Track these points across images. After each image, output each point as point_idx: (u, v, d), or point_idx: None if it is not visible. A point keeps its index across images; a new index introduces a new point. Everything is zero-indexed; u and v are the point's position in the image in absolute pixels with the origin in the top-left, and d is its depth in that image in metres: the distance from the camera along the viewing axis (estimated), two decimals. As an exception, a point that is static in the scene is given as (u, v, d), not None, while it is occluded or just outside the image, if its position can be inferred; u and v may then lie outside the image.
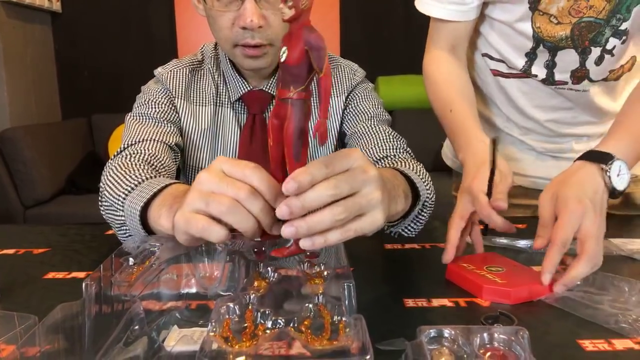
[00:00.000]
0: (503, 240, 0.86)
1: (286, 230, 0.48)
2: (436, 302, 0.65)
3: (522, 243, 0.84)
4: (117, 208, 0.76)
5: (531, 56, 0.98)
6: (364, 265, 0.78)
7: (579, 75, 0.97)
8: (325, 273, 0.54)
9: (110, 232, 0.95)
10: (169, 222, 0.61)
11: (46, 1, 3.35)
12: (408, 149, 0.94)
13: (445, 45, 1.02)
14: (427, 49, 1.07)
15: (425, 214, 0.83)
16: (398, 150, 0.92)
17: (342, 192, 0.48)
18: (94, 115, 3.52)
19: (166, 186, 0.70)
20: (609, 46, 0.93)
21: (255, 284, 0.53)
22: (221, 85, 1.01)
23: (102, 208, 0.83)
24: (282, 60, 0.47)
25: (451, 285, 0.71)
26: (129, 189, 0.75)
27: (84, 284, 0.49)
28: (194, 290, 0.57)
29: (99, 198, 0.84)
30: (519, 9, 0.93)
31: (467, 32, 1.01)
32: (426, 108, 3.46)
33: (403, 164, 0.83)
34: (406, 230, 0.84)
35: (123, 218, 0.76)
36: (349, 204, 0.48)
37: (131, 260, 0.55)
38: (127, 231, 0.79)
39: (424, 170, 0.83)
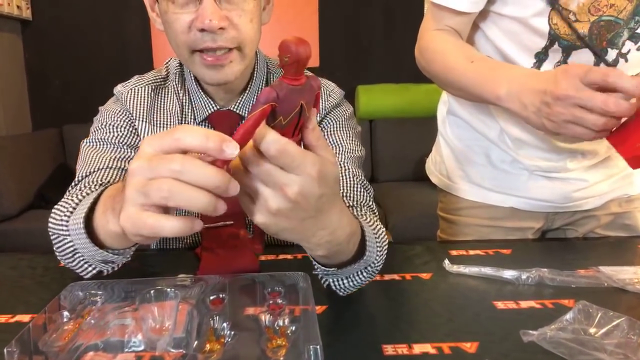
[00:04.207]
0: (487, 271, 0.80)
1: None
2: (418, 349, 0.59)
3: (508, 274, 0.78)
4: (64, 235, 0.69)
5: (541, 56, 0.92)
6: (339, 304, 0.71)
7: None
8: (289, 331, 0.48)
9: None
10: (117, 226, 0.53)
11: (15, 9, 3.23)
12: (371, 203, 0.86)
13: (448, 30, 0.97)
14: (424, 31, 1.01)
15: (363, 277, 0.72)
16: (362, 205, 0.84)
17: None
18: (65, 126, 3.39)
19: (102, 191, 0.64)
20: (624, 49, 0.89)
21: (208, 346, 0.45)
22: (186, 104, 0.92)
23: (55, 247, 0.74)
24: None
25: (433, 326, 0.65)
26: (71, 209, 0.69)
27: (5, 351, 0.42)
28: (141, 347, 0.49)
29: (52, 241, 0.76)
30: (536, 4, 0.87)
31: (471, 22, 0.97)
32: (406, 117, 3.43)
33: (365, 219, 0.74)
34: (337, 284, 0.72)
35: (72, 244, 0.68)
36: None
37: (66, 315, 0.48)
38: (82, 259, 0.70)
39: (383, 232, 0.75)
